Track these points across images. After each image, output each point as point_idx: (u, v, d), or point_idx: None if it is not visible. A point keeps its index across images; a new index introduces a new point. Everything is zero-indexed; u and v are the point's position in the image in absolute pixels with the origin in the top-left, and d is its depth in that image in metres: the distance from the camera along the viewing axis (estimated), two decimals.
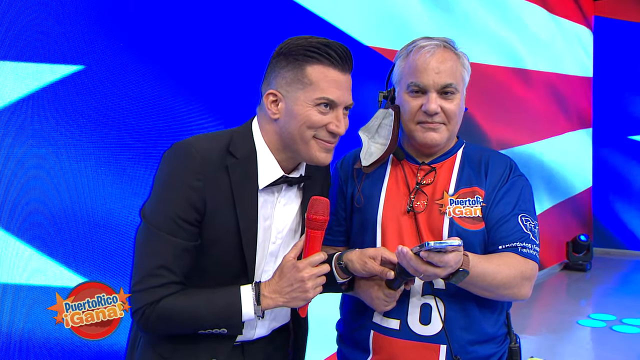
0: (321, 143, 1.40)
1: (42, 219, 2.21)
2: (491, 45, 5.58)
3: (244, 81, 2.97)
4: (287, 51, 1.39)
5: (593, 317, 5.19)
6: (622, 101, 7.82)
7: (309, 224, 1.37)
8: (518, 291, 1.51)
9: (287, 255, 1.39)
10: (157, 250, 1.34)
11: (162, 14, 2.63)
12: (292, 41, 1.40)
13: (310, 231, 1.38)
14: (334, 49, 1.37)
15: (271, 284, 1.38)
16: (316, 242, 1.38)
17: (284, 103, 1.39)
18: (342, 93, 1.39)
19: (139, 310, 1.34)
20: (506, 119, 5.87)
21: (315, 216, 1.36)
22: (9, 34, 2.12)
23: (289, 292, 1.36)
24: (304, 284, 1.35)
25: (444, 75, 1.55)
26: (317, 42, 1.37)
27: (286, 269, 1.37)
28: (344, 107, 1.41)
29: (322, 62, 1.36)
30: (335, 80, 1.38)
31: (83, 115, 2.33)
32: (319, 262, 1.38)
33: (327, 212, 1.37)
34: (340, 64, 1.38)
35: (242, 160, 1.40)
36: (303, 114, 1.37)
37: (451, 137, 1.63)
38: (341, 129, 1.40)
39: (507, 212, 1.55)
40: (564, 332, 5.01)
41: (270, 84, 1.42)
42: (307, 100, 1.37)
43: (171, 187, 1.35)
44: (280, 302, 1.37)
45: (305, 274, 1.35)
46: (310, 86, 1.36)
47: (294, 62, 1.37)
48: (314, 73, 1.36)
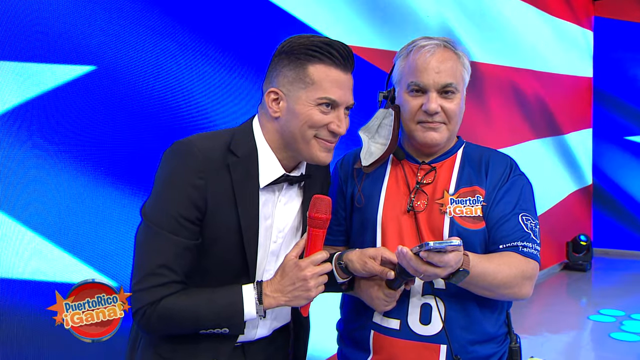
0: (322, 142, 1.40)
1: (42, 219, 2.21)
2: (491, 45, 5.57)
3: (251, 81, 2.98)
4: (289, 50, 1.38)
5: (593, 319, 5.18)
6: (622, 101, 7.81)
7: (310, 222, 1.37)
8: (519, 290, 1.51)
9: (289, 254, 1.39)
10: (158, 249, 1.33)
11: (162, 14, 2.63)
12: (294, 40, 1.39)
13: (312, 230, 1.37)
14: (336, 48, 1.37)
15: (273, 283, 1.37)
16: (318, 241, 1.38)
17: (285, 102, 1.39)
18: (343, 93, 1.39)
19: (139, 310, 1.33)
20: (506, 118, 5.87)
21: (317, 214, 1.36)
22: (19, 35, 2.13)
23: (291, 291, 1.36)
24: (306, 282, 1.35)
25: (444, 75, 1.55)
26: (320, 42, 1.37)
27: (288, 268, 1.36)
28: (346, 107, 1.41)
29: (324, 61, 1.36)
30: (337, 80, 1.38)
31: (88, 117, 2.33)
32: (321, 260, 1.37)
33: (329, 211, 1.37)
34: (342, 64, 1.38)
35: (243, 158, 1.40)
36: (304, 114, 1.37)
37: (451, 137, 1.62)
38: (342, 129, 1.40)
39: (507, 212, 1.55)
40: (564, 332, 5.01)
41: (271, 82, 1.41)
42: (309, 99, 1.37)
43: (172, 186, 1.35)
44: (282, 301, 1.37)
45: (307, 272, 1.35)
46: (312, 86, 1.36)
47: (295, 61, 1.37)
48: (316, 72, 1.36)
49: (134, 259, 1.38)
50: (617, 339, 4.65)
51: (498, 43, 5.71)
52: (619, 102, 7.84)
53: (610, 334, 4.75)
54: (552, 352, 4.38)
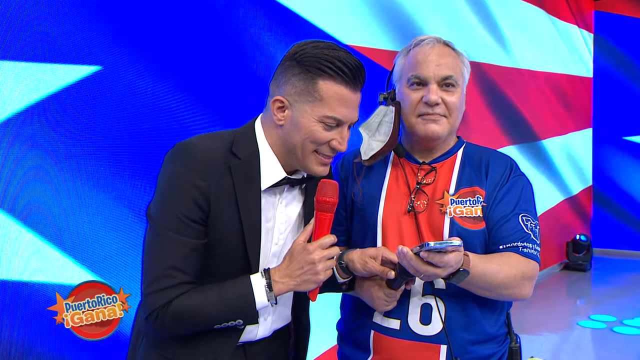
0: (320, 157, 1.40)
1: (43, 219, 2.21)
2: (491, 45, 5.57)
3: (253, 83, 2.99)
4: (300, 59, 1.36)
5: (593, 319, 5.18)
6: (622, 101, 7.82)
7: (318, 206, 1.37)
8: (519, 291, 1.51)
9: (297, 238, 1.38)
10: (166, 250, 1.33)
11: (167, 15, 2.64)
12: (307, 48, 1.37)
13: (320, 214, 1.37)
14: (348, 66, 1.35)
15: (281, 269, 1.37)
16: (326, 225, 1.38)
17: (290, 111, 1.38)
18: (349, 112, 1.38)
19: (152, 314, 1.32)
20: (506, 118, 5.87)
21: (324, 198, 1.36)
22: (21, 35, 2.13)
23: (300, 275, 1.35)
24: (314, 266, 1.34)
25: (444, 68, 1.55)
26: (333, 56, 1.34)
27: (296, 252, 1.36)
28: (349, 124, 1.41)
29: (335, 79, 1.34)
30: (346, 100, 1.36)
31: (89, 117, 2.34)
32: (329, 244, 1.37)
33: (336, 195, 1.37)
34: (352, 83, 1.36)
35: (245, 161, 1.39)
36: (308, 128, 1.36)
37: (451, 132, 1.62)
38: (343, 147, 1.40)
39: (507, 212, 1.55)
40: (564, 332, 5.01)
41: (279, 88, 1.39)
42: (314, 114, 1.36)
43: (175, 187, 1.35)
44: (291, 286, 1.36)
45: (315, 256, 1.34)
46: (320, 102, 1.35)
47: (306, 73, 1.35)
48: (325, 88, 1.35)
49: (142, 262, 1.37)
50: (618, 333, 4.65)
51: (498, 43, 5.71)
52: (618, 102, 7.84)
53: (612, 328, 4.74)
54: (552, 352, 4.39)
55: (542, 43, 6.56)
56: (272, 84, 1.43)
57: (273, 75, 1.43)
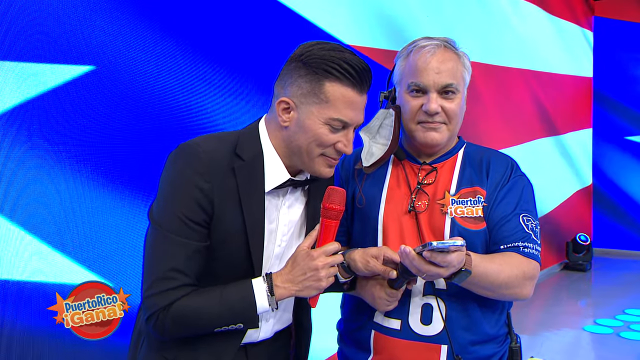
0: (327, 160, 1.39)
1: (43, 219, 2.20)
2: (490, 45, 5.57)
3: (252, 82, 2.98)
4: (307, 60, 1.35)
5: (599, 323, 5.14)
6: (622, 101, 7.82)
7: (324, 213, 1.36)
8: (520, 291, 1.51)
9: (301, 244, 1.38)
10: (168, 252, 1.32)
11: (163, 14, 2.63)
12: (313, 50, 1.35)
13: (325, 220, 1.37)
14: (355, 68, 1.34)
15: (283, 274, 1.37)
16: (331, 232, 1.37)
17: (296, 113, 1.37)
18: (355, 114, 1.37)
19: (153, 316, 1.31)
20: (506, 118, 5.87)
21: (331, 205, 1.35)
22: (18, 35, 2.13)
23: (302, 281, 1.35)
24: (317, 272, 1.34)
25: (445, 76, 1.54)
26: (340, 58, 1.33)
27: (300, 258, 1.36)
28: (355, 127, 1.41)
29: (342, 81, 1.34)
30: (352, 102, 1.36)
31: (88, 117, 2.33)
32: (333, 251, 1.36)
33: (343, 203, 1.37)
34: (359, 85, 1.35)
35: (249, 162, 1.38)
36: (313, 130, 1.35)
37: (452, 137, 1.62)
38: (349, 149, 1.39)
39: (508, 212, 1.55)
40: (564, 332, 5.01)
41: (284, 89, 1.38)
42: (321, 116, 1.35)
43: (178, 188, 1.33)
44: (293, 291, 1.36)
45: (319, 262, 1.34)
46: (327, 104, 1.34)
47: (312, 74, 1.34)
48: (332, 91, 1.34)
49: (143, 264, 1.36)
50: (620, 337, 4.64)
51: (498, 43, 5.71)
52: (618, 102, 7.84)
53: (619, 334, 4.74)
54: (552, 352, 4.38)
55: (542, 42, 6.56)
56: (277, 85, 1.41)
57: (278, 76, 1.42)
